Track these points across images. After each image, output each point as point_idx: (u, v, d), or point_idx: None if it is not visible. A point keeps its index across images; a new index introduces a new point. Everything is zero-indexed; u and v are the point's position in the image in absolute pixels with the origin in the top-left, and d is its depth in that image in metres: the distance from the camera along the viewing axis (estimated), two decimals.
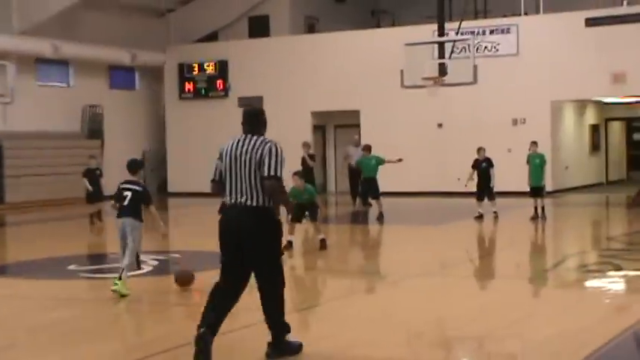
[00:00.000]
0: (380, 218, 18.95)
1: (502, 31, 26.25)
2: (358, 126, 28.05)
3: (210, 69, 30.25)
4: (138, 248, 10.22)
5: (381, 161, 19.55)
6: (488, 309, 9.40)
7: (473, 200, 19.38)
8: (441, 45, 20.80)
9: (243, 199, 6.82)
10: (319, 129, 30.14)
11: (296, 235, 14.33)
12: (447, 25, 22.02)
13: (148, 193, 10.30)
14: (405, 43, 20.62)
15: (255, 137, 7.02)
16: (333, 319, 8.72)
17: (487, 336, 7.91)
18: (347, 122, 29.40)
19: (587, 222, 19.57)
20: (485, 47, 26.05)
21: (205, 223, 19.57)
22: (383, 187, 20.27)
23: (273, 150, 6.88)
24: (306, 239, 15.93)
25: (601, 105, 30.20)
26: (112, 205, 10.40)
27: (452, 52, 20.80)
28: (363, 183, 19.63)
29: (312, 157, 21.79)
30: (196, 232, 18.20)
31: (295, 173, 14.14)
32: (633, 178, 31.46)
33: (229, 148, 6.98)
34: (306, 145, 22.21)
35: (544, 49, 25.77)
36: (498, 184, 19.27)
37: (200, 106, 30.47)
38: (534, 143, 19.27)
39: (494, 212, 18.71)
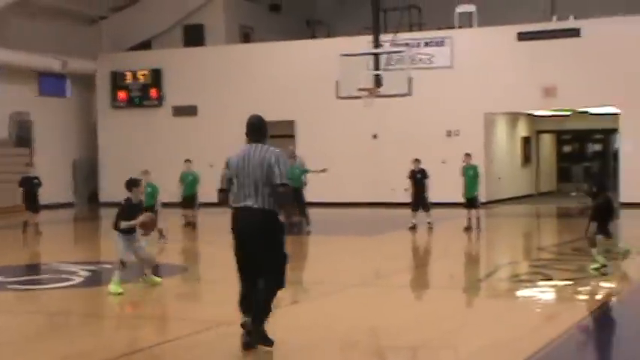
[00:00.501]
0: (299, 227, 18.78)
1: (437, 44, 26.59)
2: (293, 136, 28.06)
3: (143, 77, 29.97)
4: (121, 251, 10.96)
5: (304, 171, 19.49)
6: (422, 319, 9.48)
7: (408, 211, 19.52)
8: (377, 56, 20.97)
9: (251, 203, 7.42)
10: None
11: None
12: (383, 37, 22.23)
13: (125, 208, 10.98)
14: (341, 54, 20.72)
15: (260, 146, 7.68)
16: (268, 330, 8.69)
17: (421, 346, 7.97)
18: (282, 132, 29.26)
19: (519, 233, 19.89)
20: (420, 59, 26.34)
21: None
22: (318, 197, 20.30)
23: (281, 159, 7.53)
24: None
25: (532, 118, 30.76)
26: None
27: (387, 63, 20.97)
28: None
29: None
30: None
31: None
32: (563, 190, 32.10)
33: (239, 158, 7.60)
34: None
35: (477, 62, 26.17)
36: (433, 195, 19.45)
37: (133, 114, 30.16)
38: (468, 155, 19.49)
39: (429, 223, 18.86)
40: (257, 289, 7.50)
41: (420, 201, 19.04)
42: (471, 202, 18.81)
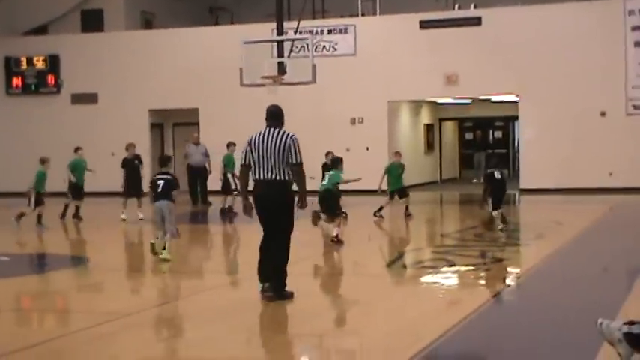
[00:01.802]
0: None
1: (340, 31, 26.75)
2: (197, 124, 27.86)
3: (40, 63, 29.27)
4: (174, 222, 12.96)
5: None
6: (326, 306, 9.58)
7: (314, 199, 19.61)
8: (280, 44, 20.95)
9: (269, 176, 9.16)
10: (157, 127, 29.74)
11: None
12: (286, 25, 22.18)
13: (177, 181, 13.21)
14: (244, 41, 20.62)
15: (277, 129, 9.41)
16: (179, 318, 8.65)
17: (325, 333, 8.05)
18: (186, 120, 29.13)
19: (422, 220, 20.20)
20: (324, 47, 26.47)
21: (33, 224, 18.97)
22: (216, 186, 20.20)
23: (296, 141, 9.35)
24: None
25: (435, 105, 31.26)
26: (150, 194, 13.18)
27: (291, 51, 20.97)
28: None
29: (138, 158, 20.81)
30: (24, 233, 17.54)
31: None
32: (465, 177, 32.75)
33: (257, 138, 9.34)
34: (131, 146, 21.07)
35: (381, 49, 26.44)
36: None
37: (30, 102, 29.42)
38: (398, 153, 19.79)
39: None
40: (271, 253, 9.18)
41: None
42: (401, 193, 19.07)
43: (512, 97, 26.61)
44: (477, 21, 25.85)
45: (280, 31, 21.09)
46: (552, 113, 25.26)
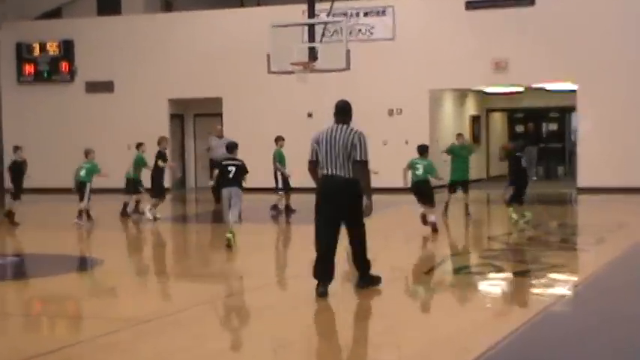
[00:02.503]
0: None
1: (377, 14, 26.66)
2: (220, 115, 27.91)
3: (53, 49, 29.51)
4: (240, 208, 14.89)
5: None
6: (362, 315, 9.52)
7: None
8: (311, 27, 20.91)
9: (336, 172, 9.92)
10: (177, 118, 29.86)
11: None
12: (318, 6, 22.17)
13: (246, 166, 14.97)
14: (272, 25, 20.61)
15: (345, 126, 10.17)
16: (193, 328, 8.64)
17: (361, 344, 8.01)
18: (208, 111, 29.21)
19: (467, 221, 20.05)
20: (360, 30, 26.39)
21: (47, 223, 19.13)
22: (249, 183, 20.20)
23: (362, 139, 10.06)
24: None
25: (482, 95, 31.07)
26: (216, 179, 15.27)
27: (323, 35, 20.93)
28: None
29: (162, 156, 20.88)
30: (36, 232, 17.68)
31: None
32: None
33: (325, 135, 10.10)
34: (164, 139, 21.22)
35: (422, 33, 26.32)
36: (373, 179, 19.51)
37: (42, 91, 29.69)
38: (461, 135, 20.43)
39: None
40: (350, 242, 10.22)
41: None
42: (463, 185, 19.62)
43: (569, 86, 26.35)
44: (529, 1, 25.61)
45: (312, 13, 21.05)
46: (614, 103, 24.97)
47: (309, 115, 27.18)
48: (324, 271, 9.94)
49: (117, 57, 28.93)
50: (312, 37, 20.78)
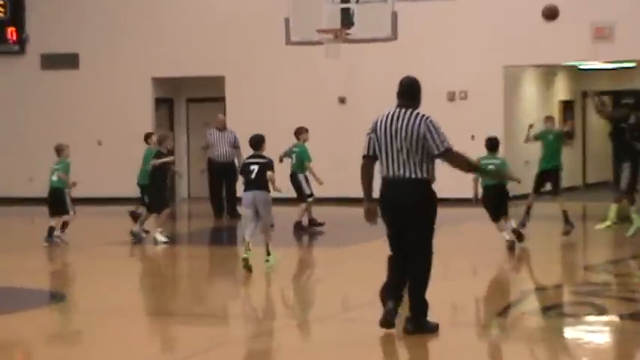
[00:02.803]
0: None
1: None
2: (223, 100, 28.00)
3: None
4: (270, 215, 15.80)
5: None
6: None
7: None
8: None
9: (400, 172, 10.26)
10: (164, 104, 29.99)
11: None
12: None
13: (272, 162, 15.84)
14: None
15: (410, 111, 10.52)
16: None
17: None
18: (205, 94, 29.30)
19: (558, 243, 19.98)
20: None
21: None
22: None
23: (432, 126, 10.36)
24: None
25: (577, 73, 30.97)
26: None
27: None
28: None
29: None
30: None
31: None
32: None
33: (384, 123, 10.44)
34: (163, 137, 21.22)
35: None
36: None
37: None
38: (550, 118, 21.33)
39: None
40: (403, 271, 10.41)
41: None
42: (554, 178, 20.49)
43: None
44: None
45: None
46: None
47: (342, 100, 27.22)
48: (393, 290, 10.45)
49: (83, 22, 29.08)
50: None
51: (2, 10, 29.62)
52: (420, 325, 10.47)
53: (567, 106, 31.16)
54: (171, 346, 11.10)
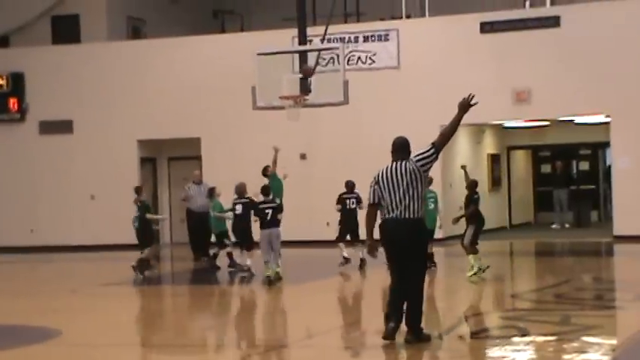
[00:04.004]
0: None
1: (379, 38, 26.94)
2: (199, 158, 28.07)
3: None
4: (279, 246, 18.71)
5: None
6: None
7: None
8: (303, 55, 21.15)
9: (399, 214, 11.12)
10: (148, 162, 30.01)
11: None
12: (310, 30, 22.42)
13: (281, 206, 19.66)
14: (258, 53, 20.86)
15: (404, 162, 11.46)
16: None
17: None
18: (184, 154, 29.36)
19: (487, 275, 20.17)
20: (359, 58, 26.66)
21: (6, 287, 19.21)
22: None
23: (416, 157, 11.60)
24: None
25: (502, 130, 31.26)
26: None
27: (317, 64, 21.19)
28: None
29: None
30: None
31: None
32: (541, 221, 32.60)
33: (386, 174, 11.40)
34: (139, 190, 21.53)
35: (431, 60, 26.56)
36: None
37: None
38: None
39: (362, 260, 19.83)
40: (407, 292, 11.12)
41: (350, 231, 20.43)
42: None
43: (601, 118, 26.58)
44: (554, 22, 25.90)
45: (303, 39, 21.31)
46: None
47: (303, 156, 27.35)
48: (394, 312, 11.16)
49: (76, 92, 29.11)
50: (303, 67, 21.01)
51: (5, 83, 29.58)
52: (418, 336, 11.19)
53: (494, 158, 31.46)
54: None
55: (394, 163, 11.52)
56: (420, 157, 11.50)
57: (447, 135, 11.91)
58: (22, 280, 22.04)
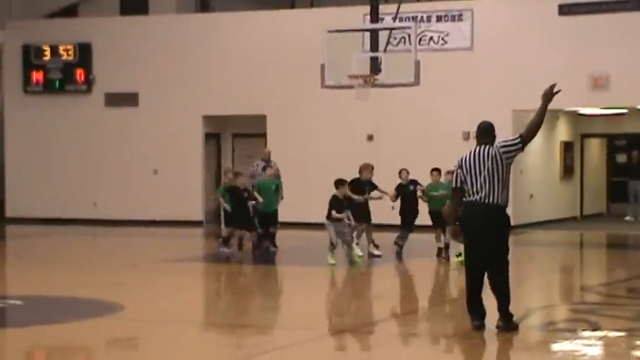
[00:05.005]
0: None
1: (452, 18, 26.76)
2: (264, 135, 28.13)
3: (67, 54, 29.90)
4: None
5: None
6: None
7: (417, 235, 19.87)
8: (374, 34, 21.08)
9: (480, 199, 11.24)
10: (212, 138, 30.14)
11: None
12: (382, 9, 22.34)
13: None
14: (327, 30, 20.83)
15: (489, 147, 11.52)
16: None
17: None
18: (249, 131, 29.44)
19: (557, 267, 20.00)
20: (431, 38, 26.49)
21: (55, 259, 19.41)
22: (295, 216, 20.42)
23: (502, 144, 11.57)
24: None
25: (577, 117, 30.93)
26: None
27: (388, 43, 21.11)
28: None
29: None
30: (43, 271, 17.97)
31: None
32: (614, 212, 32.24)
33: (469, 158, 11.53)
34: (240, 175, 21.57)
35: (505, 42, 26.32)
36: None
37: (53, 102, 30.10)
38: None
39: (441, 249, 19.48)
40: (493, 279, 11.33)
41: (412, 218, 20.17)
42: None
43: None
44: (636, 5, 25.54)
45: (375, 17, 21.25)
46: None
47: (370, 138, 27.28)
48: (475, 308, 11.39)
49: (142, 65, 29.32)
50: (374, 46, 20.95)
51: (73, 53, 29.79)
52: (508, 324, 11.40)
53: (567, 146, 31.15)
54: (219, 353, 11.21)
55: (478, 147, 11.62)
56: (506, 145, 11.57)
57: (533, 127, 11.87)
58: (85, 253, 22.25)
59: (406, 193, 20.13)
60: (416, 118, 26.69)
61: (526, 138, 11.66)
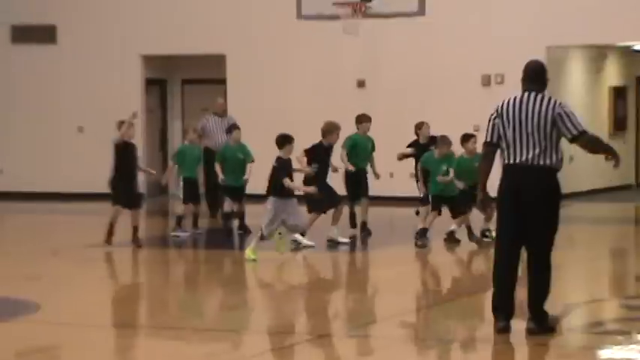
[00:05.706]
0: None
1: None
2: (223, 82, 28.08)
3: None
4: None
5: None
6: None
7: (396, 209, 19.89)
8: None
9: (529, 159, 11.14)
10: (155, 85, 30.08)
11: None
12: None
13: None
14: None
15: (539, 96, 11.35)
16: None
17: None
18: (203, 75, 29.38)
19: (605, 250, 20.07)
20: None
21: None
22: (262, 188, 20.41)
23: (564, 110, 11.28)
24: None
25: (630, 55, 30.98)
26: None
27: None
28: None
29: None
30: None
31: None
32: None
33: (511, 108, 11.31)
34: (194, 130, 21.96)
35: None
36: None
37: None
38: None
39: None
40: (532, 265, 11.32)
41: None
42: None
43: None
44: None
45: None
46: None
47: (361, 84, 27.26)
48: (504, 301, 11.31)
49: None
50: None
51: None
52: (541, 324, 11.33)
53: (619, 93, 31.15)
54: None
55: (525, 93, 11.44)
56: (567, 115, 11.30)
57: (594, 147, 11.78)
58: None
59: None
60: (420, 59, 26.63)
61: (583, 139, 11.43)
